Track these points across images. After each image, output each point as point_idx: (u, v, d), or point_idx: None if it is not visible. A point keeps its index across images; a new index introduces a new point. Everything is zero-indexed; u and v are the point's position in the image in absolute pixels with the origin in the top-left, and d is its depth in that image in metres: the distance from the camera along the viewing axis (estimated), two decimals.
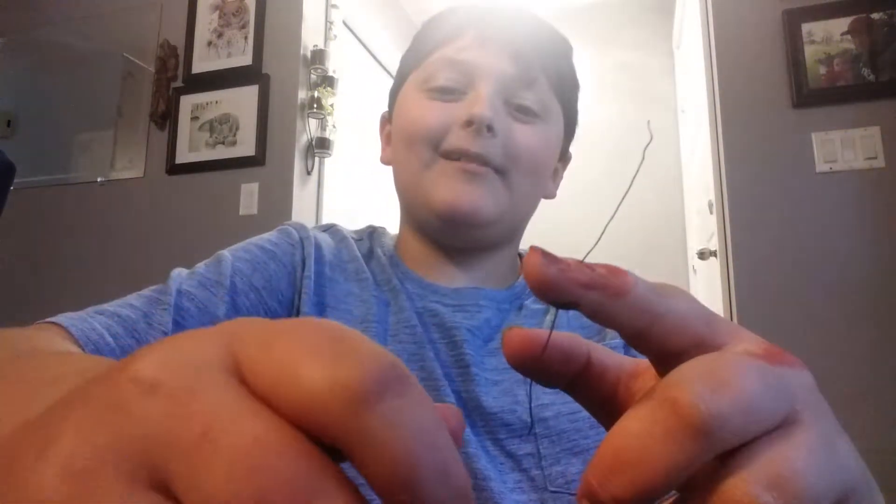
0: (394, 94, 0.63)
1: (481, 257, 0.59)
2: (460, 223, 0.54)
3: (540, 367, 0.22)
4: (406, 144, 0.56)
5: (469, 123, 0.52)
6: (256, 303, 0.51)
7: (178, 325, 0.46)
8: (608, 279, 0.19)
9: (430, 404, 0.13)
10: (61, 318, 0.40)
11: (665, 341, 0.19)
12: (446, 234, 0.57)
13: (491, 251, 0.59)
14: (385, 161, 0.62)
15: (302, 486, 0.12)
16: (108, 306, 0.44)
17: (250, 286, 0.51)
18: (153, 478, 0.12)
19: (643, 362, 0.23)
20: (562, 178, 0.66)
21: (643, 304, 0.19)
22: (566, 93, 0.60)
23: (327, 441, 0.12)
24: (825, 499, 0.16)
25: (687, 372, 0.17)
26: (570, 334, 0.23)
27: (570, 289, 0.19)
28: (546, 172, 0.59)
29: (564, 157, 0.64)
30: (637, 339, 0.20)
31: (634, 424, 0.16)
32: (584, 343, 0.23)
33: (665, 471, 0.15)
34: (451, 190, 0.53)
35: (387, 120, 0.64)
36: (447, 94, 0.55)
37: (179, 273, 0.50)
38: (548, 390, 0.51)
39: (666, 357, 0.20)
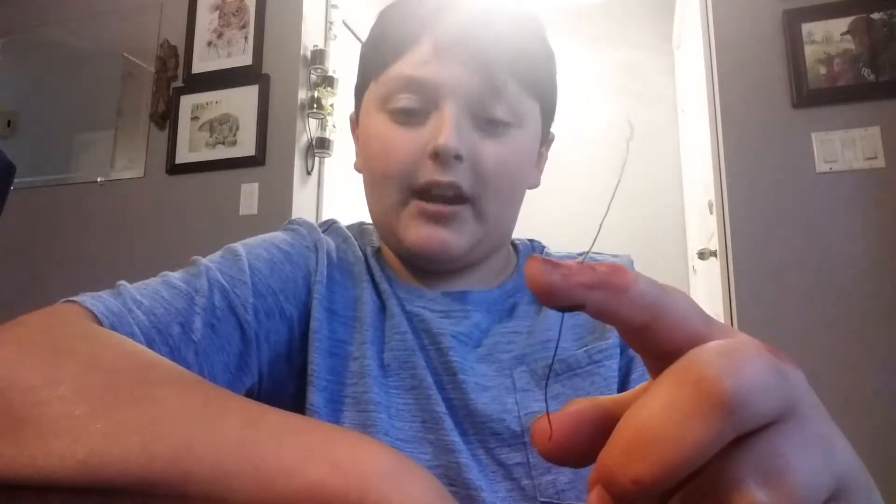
0: (359, 94, 0.59)
1: (467, 271, 0.58)
2: (432, 261, 0.54)
3: (582, 444, 0.21)
4: (375, 181, 0.55)
5: (436, 155, 0.50)
6: (272, 305, 0.49)
7: (211, 328, 0.44)
8: (610, 277, 0.19)
9: None
10: (101, 312, 0.40)
11: (665, 338, 0.19)
12: (421, 264, 0.57)
13: (476, 266, 0.58)
14: (358, 169, 0.59)
15: None
16: (144, 298, 0.43)
17: (268, 288, 0.49)
18: None
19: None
20: (546, 159, 0.62)
21: (645, 299, 0.19)
22: (541, 84, 0.56)
23: None
24: (819, 493, 0.16)
25: (706, 353, 0.17)
26: (583, 400, 0.21)
27: (575, 292, 0.19)
28: (522, 180, 0.56)
29: (546, 141, 0.61)
30: (638, 336, 0.20)
31: (657, 402, 0.16)
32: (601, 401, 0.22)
33: (692, 448, 0.15)
34: (420, 233, 0.52)
35: (355, 122, 0.61)
36: (410, 115, 0.52)
37: (207, 267, 0.48)
38: (538, 398, 0.50)
39: (664, 355, 0.20)
